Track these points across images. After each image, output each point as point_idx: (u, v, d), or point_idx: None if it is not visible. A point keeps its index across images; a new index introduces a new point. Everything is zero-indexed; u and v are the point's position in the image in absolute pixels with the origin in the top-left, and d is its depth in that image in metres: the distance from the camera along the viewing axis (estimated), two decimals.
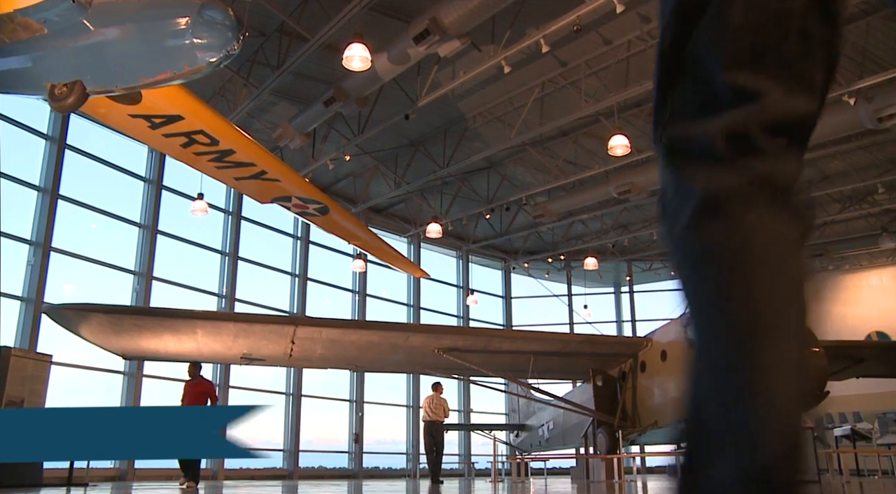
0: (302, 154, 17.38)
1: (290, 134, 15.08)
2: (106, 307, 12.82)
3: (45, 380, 11.25)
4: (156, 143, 8.29)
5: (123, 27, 5.95)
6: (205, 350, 13.82)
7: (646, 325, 27.92)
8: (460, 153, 17.91)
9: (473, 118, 17.02)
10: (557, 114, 15.71)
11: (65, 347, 14.03)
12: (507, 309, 27.95)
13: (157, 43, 5.88)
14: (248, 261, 19.35)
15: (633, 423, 17.09)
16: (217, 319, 13.37)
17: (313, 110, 14.32)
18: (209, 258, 18.62)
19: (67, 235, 15.16)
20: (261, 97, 14.60)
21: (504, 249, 26.93)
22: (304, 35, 12.35)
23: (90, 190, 15.82)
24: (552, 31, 11.60)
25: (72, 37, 6.09)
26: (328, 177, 20.14)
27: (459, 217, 21.96)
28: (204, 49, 5.79)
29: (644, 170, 16.99)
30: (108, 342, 12.99)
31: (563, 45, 13.36)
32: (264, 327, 13.24)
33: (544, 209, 19.80)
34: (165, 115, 7.51)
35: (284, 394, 19.62)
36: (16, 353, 11.09)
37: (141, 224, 16.92)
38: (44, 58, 6.29)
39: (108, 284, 16.45)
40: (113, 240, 16.65)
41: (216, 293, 18.51)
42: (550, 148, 18.21)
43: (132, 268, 16.58)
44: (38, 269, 14.35)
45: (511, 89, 15.54)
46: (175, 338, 13.15)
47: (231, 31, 5.79)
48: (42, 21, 6.09)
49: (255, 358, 14.46)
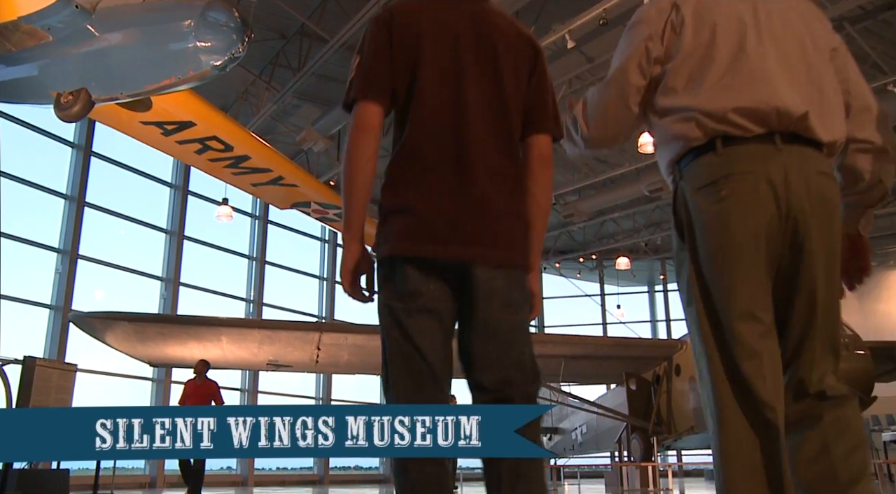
0: (327, 156, 17.21)
1: (313, 137, 14.90)
2: (130, 315, 12.78)
3: (70, 390, 11.15)
4: (170, 150, 8.14)
5: (126, 32, 5.78)
6: (230, 356, 13.73)
7: (681, 325, 27.35)
8: None
9: None
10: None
11: (96, 353, 14.05)
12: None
13: (160, 47, 5.70)
14: (276, 266, 19.26)
15: (668, 428, 16.61)
16: (241, 326, 13.24)
17: (336, 113, 14.12)
18: (236, 263, 18.58)
19: (95, 242, 15.20)
20: (284, 100, 14.44)
21: None
22: (324, 37, 12.15)
23: (117, 197, 15.84)
24: (578, 25, 11.24)
25: (76, 43, 5.94)
26: None
27: None
28: (208, 52, 5.58)
29: None
30: (134, 349, 12.96)
31: (589, 40, 12.96)
32: (289, 333, 13.08)
33: (574, 208, 19.39)
34: (177, 122, 7.35)
35: (314, 399, 19.51)
36: (41, 363, 11.01)
37: (167, 230, 16.90)
38: (49, 65, 6.15)
39: (137, 290, 16.48)
40: (140, 246, 16.68)
41: (244, 298, 18.44)
42: None
43: (159, 275, 16.57)
44: (66, 277, 14.38)
45: None
46: (200, 346, 13.05)
47: (236, 32, 5.57)
48: (46, 28, 5.95)
49: (282, 365, 14.33)
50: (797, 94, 1.86)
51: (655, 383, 17.13)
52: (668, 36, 1.99)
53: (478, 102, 1.77)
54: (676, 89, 1.96)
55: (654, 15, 2.03)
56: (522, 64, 1.87)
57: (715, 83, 1.89)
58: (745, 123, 1.85)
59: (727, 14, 1.94)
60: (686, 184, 1.97)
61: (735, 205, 1.82)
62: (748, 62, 1.89)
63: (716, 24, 1.93)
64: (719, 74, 1.90)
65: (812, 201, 1.82)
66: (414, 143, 1.79)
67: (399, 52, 1.78)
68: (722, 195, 1.84)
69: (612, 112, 2.11)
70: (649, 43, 2.00)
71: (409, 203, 1.75)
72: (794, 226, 1.81)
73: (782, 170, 1.81)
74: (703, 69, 1.92)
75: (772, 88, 1.85)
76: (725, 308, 1.82)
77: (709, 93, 1.89)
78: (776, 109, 1.83)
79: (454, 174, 1.74)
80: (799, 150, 1.84)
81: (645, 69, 2.02)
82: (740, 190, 1.82)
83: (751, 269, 1.81)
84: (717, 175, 1.87)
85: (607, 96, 2.10)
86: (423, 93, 1.77)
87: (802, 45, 1.94)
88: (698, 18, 1.95)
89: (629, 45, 2.05)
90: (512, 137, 1.83)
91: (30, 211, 14.77)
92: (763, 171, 1.81)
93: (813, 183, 1.83)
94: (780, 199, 1.80)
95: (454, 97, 1.77)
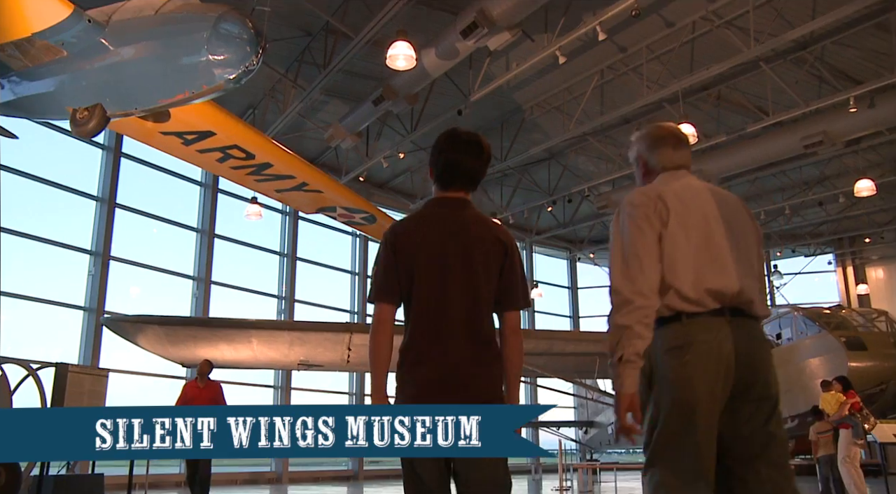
0: (356, 152, 17.05)
1: (341, 134, 14.72)
2: (161, 319, 12.79)
3: (102, 395, 11.21)
4: (193, 159, 8.01)
5: (138, 45, 5.63)
6: (261, 357, 13.71)
7: None
8: (519, 145, 17.28)
9: (531, 109, 16.35)
10: (619, 102, 14.92)
11: (131, 353, 14.05)
12: (573, 301, 27.21)
13: (173, 61, 5.54)
14: (307, 261, 19.20)
15: None
16: (271, 329, 13.19)
17: (363, 109, 13.93)
18: (268, 260, 18.55)
19: (127, 243, 15.25)
20: (311, 96, 14.27)
21: (568, 239, 26.16)
22: (349, 34, 11.93)
23: (147, 197, 15.88)
24: (609, 16, 10.85)
25: (90, 58, 5.82)
26: (385, 173, 19.80)
27: (521, 209, 21.36)
28: (221, 66, 5.41)
29: (713, 156, 16.08)
30: (166, 351, 12.98)
31: (621, 30, 12.58)
32: (320, 335, 13.00)
33: (608, 200, 18.99)
34: (197, 132, 7.22)
35: (348, 395, 19.51)
36: (73, 370, 11.06)
37: (198, 228, 16.92)
38: (64, 81, 6.04)
39: (169, 289, 16.54)
40: (171, 246, 16.72)
41: (275, 295, 18.43)
42: (613, 136, 17.38)
43: (191, 274, 16.61)
44: (99, 279, 14.46)
45: (569, 78, 14.81)
46: (231, 347, 13.04)
47: (249, 44, 5.38)
48: (60, 43, 5.83)
49: (313, 365, 14.28)
50: (746, 280, 2.38)
51: None
52: (657, 221, 2.40)
53: (457, 297, 2.44)
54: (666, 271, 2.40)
55: (646, 200, 2.43)
56: (494, 263, 2.49)
57: (687, 268, 2.34)
58: (707, 302, 2.32)
59: (698, 210, 2.43)
60: (656, 343, 2.35)
61: (696, 369, 2.27)
62: (713, 252, 2.38)
63: (689, 217, 2.40)
64: (690, 261, 2.35)
65: (754, 361, 2.30)
66: (412, 335, 2.52)
67: (401, 265, 2.49)
68: (686, 359, 2.28)
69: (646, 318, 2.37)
70: (653, 220, 2.40)
71: (412, 375, 2.51)
72: (740, 380, 2.28)
73: (731, 339, 2.29)
74: (676, 254, 2.35)
75: (729, 276, 2.35)
76: (685, 467, 2.25)
77: (682, 277, 2.33)
78: (733, 293, 2.34)
79: (438, 351, 2.46)
80: (743, 322, 2.35)
81: (654, 253, 2.38)
82: (700, 354, 2.27)
83: (706, 426, 2.24)
84: (682, 341, 2.31)
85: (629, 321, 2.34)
86: (419, 293, 2.48)
87: (748, 240, 2.48)
88: (676, 212, 2.39)
89: (636, 241, 2.38)
90: (482, 319, 2.49)
91: (62, 213, 14.88)
92: (717, 340, 2.28)
93: (754, 346, 2.33)
94: (730, 361, 2.27)
95: (440, 294, 2.46)
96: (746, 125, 14.87)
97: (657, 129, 2.69)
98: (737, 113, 15.73)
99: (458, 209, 2.54)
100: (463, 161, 2.54)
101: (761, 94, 14.38)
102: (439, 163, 2.57)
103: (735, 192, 14.71)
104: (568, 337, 14.78)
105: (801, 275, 25.29)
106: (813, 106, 13.51)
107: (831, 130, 13.97)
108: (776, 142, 15.04)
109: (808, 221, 22.70)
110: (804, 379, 13.01)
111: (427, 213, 2.57)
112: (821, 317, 13.89)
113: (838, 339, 13.02)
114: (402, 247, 2.49)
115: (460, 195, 2.57)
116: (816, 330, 13.62)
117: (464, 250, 2.45)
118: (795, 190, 19.84)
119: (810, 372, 13.36)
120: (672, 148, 2.60)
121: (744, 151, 15.70)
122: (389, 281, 2.48)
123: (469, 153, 2.55)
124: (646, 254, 2.34)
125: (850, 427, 9.06)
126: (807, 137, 14.18)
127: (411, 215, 2.62)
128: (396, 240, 2.50)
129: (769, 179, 19.55)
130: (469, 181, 2.57)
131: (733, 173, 17.19)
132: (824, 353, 13.26)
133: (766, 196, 20.41)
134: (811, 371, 13.39)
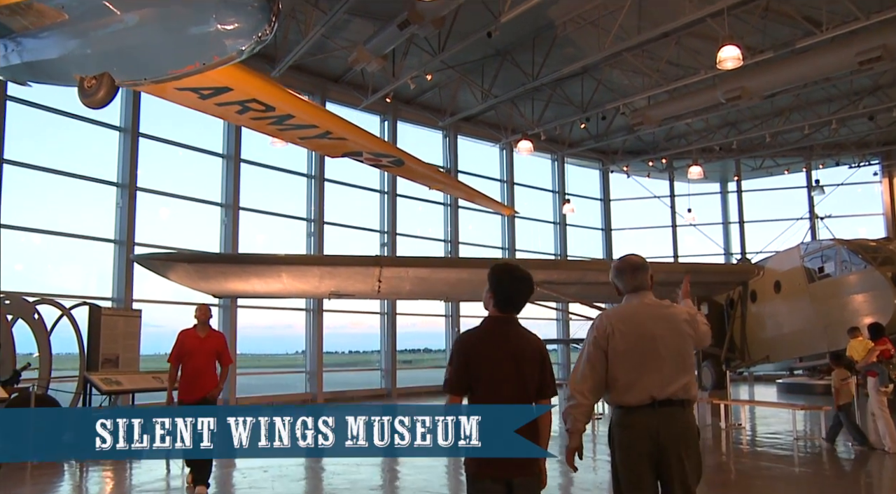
0: (383, 72, 16.40)
1: (365, 57, 14.09)
2: (190, 255, 12.75)
3: (136, 336, 11.33)
4: (212, 112, 7.63)
5: (144, 12, 5.20)
6: (292, 289, 13.69)
7: (754, 226, 26.24)
8: (551, 61, 16.48)
9: (564, 24, 15.48)
10: (658, 17, 13.98)
11: (164, 282, 14.06)
12: (605, 213, 26.78)
13: (182, 29, 5.12)
14: (335, 182, 18.89)
15: (741, 356, 16.09)
16: (301, 264, 13.09)
17: (388, 32, 13.24)
18: (295, 182, 18.29)
19: (153, 173, 15.09)
20: (335, 16, 13.59)
21: (601, 150, 25.46)
22: None
23: (171, 127, 15.58)
24: None
25: (93, 24, 5.41)
26: (412, 90, 19.12)
27: (553, 124, 20.66)
28: (233, 36, 4.98)
29: (757, 72, 15.15)
30: (197, 285, 12.99)
31: None
32: (349, 269, 12.89)
33: (644, 116, 18.24)
34: (213, 88, 6.81)
35: (379, 314, 19.66)
36: (106, 312, 11.14)
37: (224, 154, 16.66)
38: (68, 47, 5.66)
39: (198, 217, 16.46)
40: (198, 173, 16.51)
41: (304, 217, 18.27)
42: (650, 50, 16.46)
43: (219, 201, 16.50)
44: (127, 211, 14.39)
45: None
46: (261, 281, 13.01)
47: (262, 12, 4.93)
48: (60, 6, 5.44)
49: (344, 294, 14.26)
50: (676, 377, 3.24)
51: (729, 307, 16.50)
52: (604, 342, 3.34)
53: (508, 391, 3.03)
54: (613, 376, 3.32)
55: (601, 325, 3.36)
56: (535, 367, 3.10)
57: (626, 374, 3.26)
58: (642, 401, 3.22)
59: (636, 328, 3.31)
60: (614, 418, 3.35)
61: (633, 441, 3.22)
62: (646, 361, 3.25)
63: (630, 335, 3.30)
64: (627, 370, 3.26)
65: (674, 439, 3.19)
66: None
67: (471, 367, 3.04)
68: (626, 434, 3.25)
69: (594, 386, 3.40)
70: (602, 342, 3.35)
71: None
72: (664, 453, 3.19)
73: (657, 423, 3.19)
74: (617, 366, 3.28)
75: (659, 377, 3.23)
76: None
77: (622, 382, 3.26)
78: (660, 390, 3.22)
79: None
80: (667, 410, 3.22)
81: (601, 364, 3.34)
82: (636, 430, 3.21)
83: (643, 474, 3.21)
84: (625, 423, 3.26)
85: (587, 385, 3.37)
86: (481, 389, 3.03)
87: (679, 343, 3.31)
88: (620, 332, 3.30)
89: (591, 355, 3.36)
90: (529, 409, 3.05)
91: (86, 148, 14.67)
92: (645, 423, 3.20)
93: (676, 428, 3.22)
94: (656, 439, 3.18)
95: (497, 391, 3.03)
96: (795, 39, 13.92)
97: (619, 263, 3.50)
98: (785, 25, 14.69)
99: (510, 325, 3.18)
100: (516, 296, 3.18)
101: (814, 3, 13.35)
102: (499, 294, 3.15)
103: (778, 105, 14.02)
104: (600, 267, 14.43)
105: (844, 187, 24.44)
106: (874, 19, 12.53)
107: (892, 44, 12.97)
108: (827, 57, 14.08)
109: (855, 132, 21.71)
110: (846, 316, 12.60)
111: (489, 329, 3.16)
112: (867, 251, 13.28)
113: (884, 275, 12.49)
114: (470, 356, 3.06)
115: (511, 316, 3.19)
116: (862, 265, 13.06)
117: (517, 358, 3.07)
118: (844, 101, 18.84)
119: (853, 308, 12.93)
120: (630, 275, 3.43)
121: (792, 67, 14.77)
122: (462, 383, 3.03)
123: (521, 291, 3.18)
124: (595, 364, 3.30)
125: (876, 374, 8.78)
126: (863, 53, 13.21)
127: (477, 329, 3.18)
128: (468, 351, 3.08)
129: (817, 91, 18.55)
130: (519, 307, 3.22)
131: (778, 90, 16.29)
132: (869, 290, 12.76)
133: (811, 108, 19.44)
134: (854, 308, 12.95)
